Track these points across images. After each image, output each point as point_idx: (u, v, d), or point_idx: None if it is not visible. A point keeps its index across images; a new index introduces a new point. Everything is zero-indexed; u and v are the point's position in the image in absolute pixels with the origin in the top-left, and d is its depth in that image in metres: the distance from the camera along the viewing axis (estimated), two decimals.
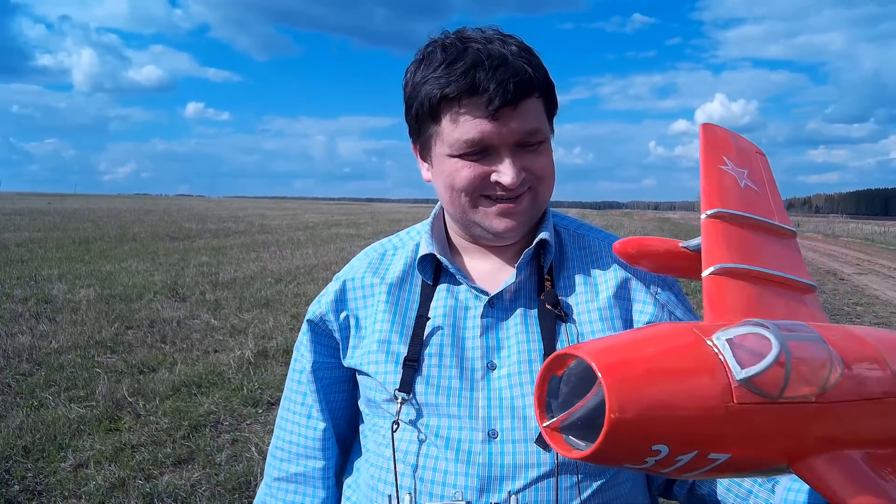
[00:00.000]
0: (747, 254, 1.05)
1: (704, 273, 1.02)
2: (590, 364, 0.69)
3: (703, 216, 1.09)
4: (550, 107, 1.20)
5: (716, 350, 0.74)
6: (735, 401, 0.71)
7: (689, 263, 1.10)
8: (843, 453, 0.82)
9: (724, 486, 1.17)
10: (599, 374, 0.68)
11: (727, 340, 0.74)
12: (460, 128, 1.12)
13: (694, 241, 1.11)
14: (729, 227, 1.08)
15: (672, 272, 1.21)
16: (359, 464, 1.30)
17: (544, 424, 0.76)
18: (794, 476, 1.05)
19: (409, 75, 1.18)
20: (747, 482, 1.14)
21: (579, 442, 0.72)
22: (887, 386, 0.85)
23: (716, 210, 1.09)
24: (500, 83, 1.08)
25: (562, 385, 0.75)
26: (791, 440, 0.78)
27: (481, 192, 1.16)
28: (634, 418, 0.67)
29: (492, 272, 1.25)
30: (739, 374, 0.71)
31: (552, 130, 1.24)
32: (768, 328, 0.75)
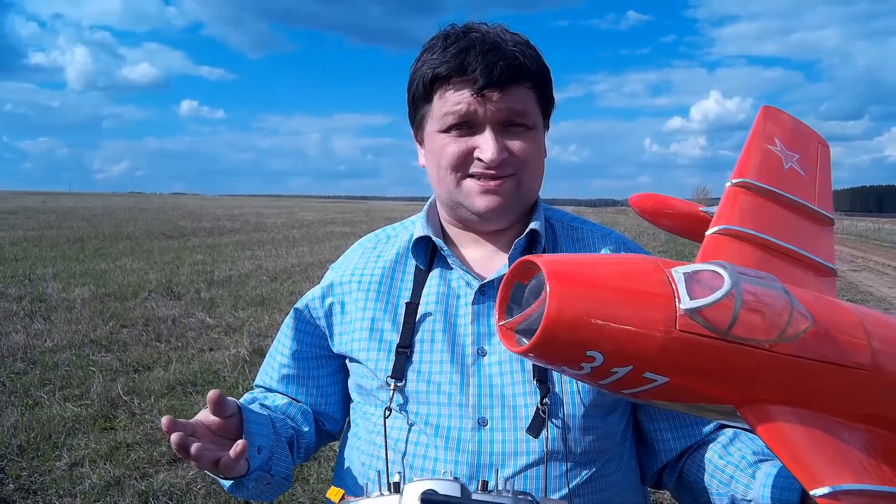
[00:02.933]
0: (762, 223, 1.06)
1: (709, 231, 1.04)
2: (541, 269, 0.75)
3: (728, 184, 1.12)
4: (544, 101, 1.22)
5: (670, 280, 0.77)
6: (678, 328, 0.74)
7: (707, 229, 1.12)
8: (801, 411, 0.83)
9: (708, 472, 1.19)
10: (545, 277, 0.73)
11: (684, 273, 0.78)
12: (447, 102, 1.16)
13: (714, 209, 1.13)
14: (752, 197, 1.10)
15: (689, 235, 1.22)
16: (349, 450, 1.31)
17: (500, 323, 0.82)
18: (774, 463, 1.06)
19: (413, 64, 1.23)
20: (729, 468, 1.15)
21: (526, 341, 0.76)
22: (863, 358, 0.85)
23: (741, 180, 1.11)
24: (488, 65, 1.12)
25: (526, 293, 0.81)
26: (739, 381, 0.80)
27: (465, 170, 1.19)
28: (571, 320, 0.72)
29: (483, 259, 1.26)
30: (687, 303, 0.75)
31: (546, 126, 1.26)
32: (726, 268, 0.78)
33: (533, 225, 1.23)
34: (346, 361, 1.30)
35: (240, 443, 0.99)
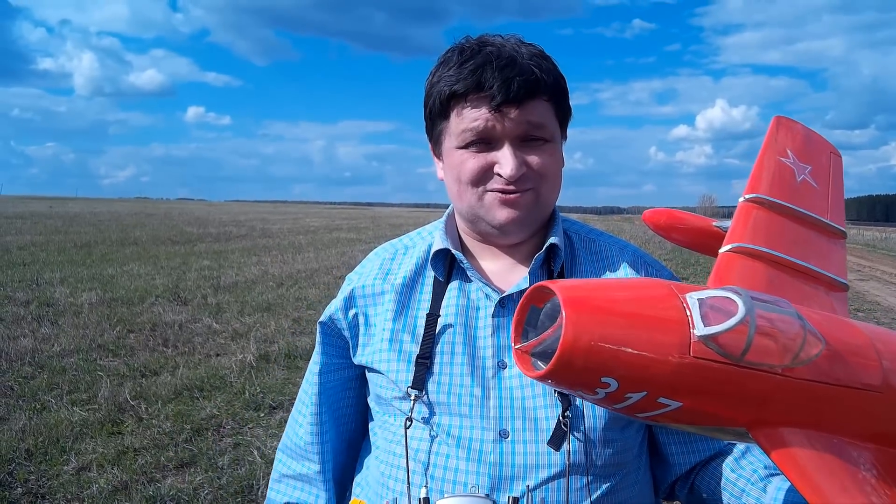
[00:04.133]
0: (774, 240, 1.06)
1: (721, 249, 1.05)
2: (557, 295, 0.75)
3: (741, 199, 1.12)
4: (562, 112, 1.22)
5: (684, 305, 0.77)
6: (692, 354, 0.75)
7: (720, 244, 1.12)
8: (813, 433, 0.83)
9: (719, 485, 1.19)
10: (561, 303, 0.74)
11: (698, 300, 0.78)
12: (465, 119, 1.16)
13: (727, 223, 1.13)
14: (764, 212, 1.10)
15: (702, 250, 1.22)
16: (368, 461, 1.31)
17: (516, 346, 0.83)
18: (784, 477, 1.06)
19: (429, 78, 1.22)
20: (741, 482, 1.15)
21: (542, 365, 0.77)
22: (875, 379, 0.85)
23: (754, 195, 1.11)
24: (505, 81, 1.12)
25: (542, 316, 0.82)
26: (751, 406, 0.80)
27: (485, 185, 1.18)
28: (586, 347, 0.73)
29: (502, 272, 1.26)
30: (701, 330, 0.75)
31: (564, 136, 1.26)
32: (740, 294, 0.78)
33: (552, 239, 1.23)
34: (366, 372, 1.31)
35: None
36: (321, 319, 1.34)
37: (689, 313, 0.77)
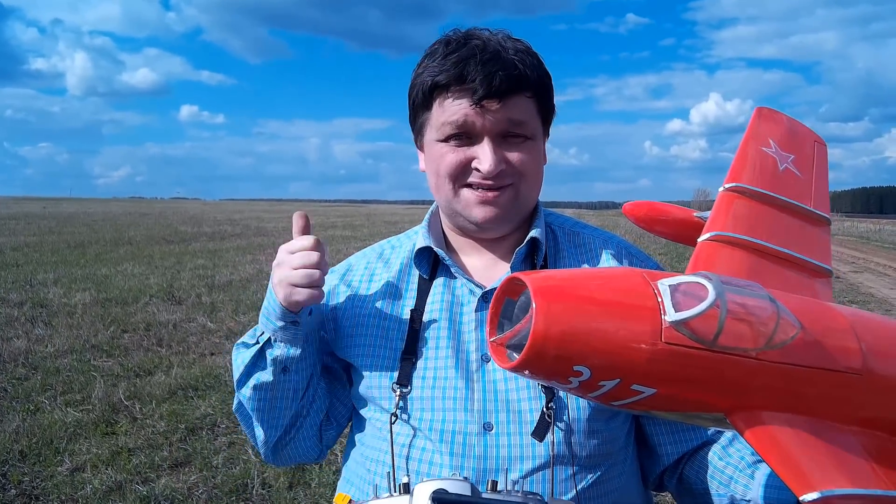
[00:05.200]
0: (755, 228, 1.06)
1: (701, 238, 1.05)
2: (527, 286, 0.76)
3: (721, 188, 1.12)
4: (545, 110, 1.22)
5: (656, 292, 0.77)
6: (664, 340, 0.75)
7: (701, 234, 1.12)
8: (792, 416, 0.83)
9: (707, 474, 1.19)
10: (531, 294, 0.74)
11: (669, 286, 0.78)
12: (446, 112, 1.16)
13: (708, 213, 1.13)
14: (745, 201, 1.10)
15: (685, 241, 1.22)
16: (354, 454, 1.31)
17: (491, 339, 0.84)
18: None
19: (415, 69, 1.22)
20: (729, 469, 1.16)
21: (517, 356, 0.77)
22: (854, 362, 0.85)
23: (734, 184, 1.11)
24: (488, 75, 1.11)
25: (516, 309, 0.82)
26: (727, 390, 0.81)
27: (463, 179, 1.19)
28: (557, 336, 0.73)
29: (485, 267, 1.27)
30: (672, 315, 0.75)
31: (546, 134, 1.25)
32: (710, 279, 0.78)
33: (533, 233, 1.23)
34: (351, 369, 1.31)
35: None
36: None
37: (660, 300, 0.77)
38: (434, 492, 0.88)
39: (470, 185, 1.19)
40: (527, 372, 0.78)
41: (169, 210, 57.75)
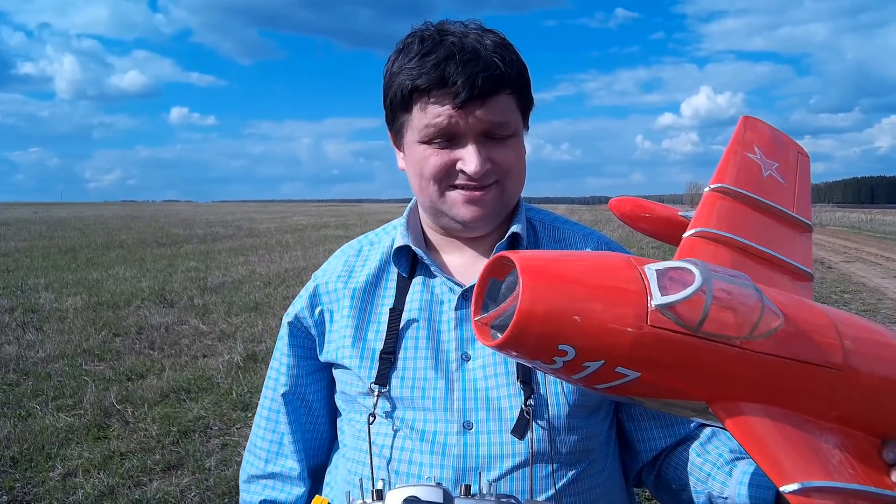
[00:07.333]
0: (738, 227, 1.07)
1: (685, 234, 1.05)
2: (515, 264, 0.76)
3: (706, 188, 1.13)
4: (524, 103, 1.21)
5: (643, 276, 0.78)
6: (649, 323, 0.75)
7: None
8: (773, 408, 0.83)
9: (685, 470, 1.19)
10: (518, 271, 0.75)
11: (656, 270, 0.79)
12: (428, 115, 1.14)
13: (693, 212, 1.13)
14: (730, 202, 1.11)
15: (668, 239, 1.22)
16: (336, 458, 1.30)
17: (476, 318, 0.83)
18: (751, 461, 1.06)
19: (388, 64, 1.20)
20: (707, 466, 1.16)
21: (500, 335, 0.77)
22: (835, 358, 0.86)
23: (720, 185, 1.12)
24: (469, 77, 1.10)
25: (503, 289, 0.82)
26: (710, 378, 0.81)
27: (448, 180, 1.17)
28: (543, 314, 0.73)
29: (466, 265, 1.26)
30: (658, 299, 0.76)
31: (526, 126, 1.25)
32: (697, 265, 0.78)
33: (514, 228, 1.23)
34: (332, 370, 1.30)
35: None
36: (288, 319, 1.32)
37: (646, 283, 0.77)
38: (405, 499, 0.88)
39: (455, 187, 1.17)
40: (512, 351, 0.77)
41: (161, 213, 57.56)
